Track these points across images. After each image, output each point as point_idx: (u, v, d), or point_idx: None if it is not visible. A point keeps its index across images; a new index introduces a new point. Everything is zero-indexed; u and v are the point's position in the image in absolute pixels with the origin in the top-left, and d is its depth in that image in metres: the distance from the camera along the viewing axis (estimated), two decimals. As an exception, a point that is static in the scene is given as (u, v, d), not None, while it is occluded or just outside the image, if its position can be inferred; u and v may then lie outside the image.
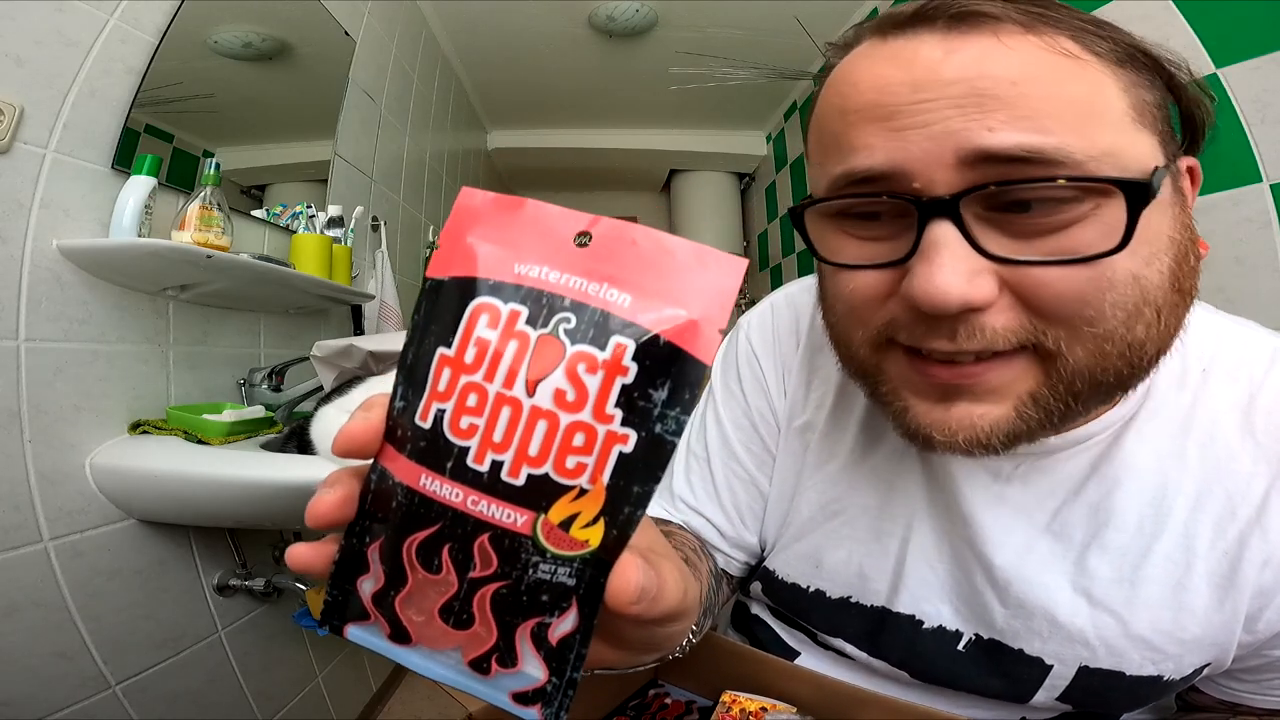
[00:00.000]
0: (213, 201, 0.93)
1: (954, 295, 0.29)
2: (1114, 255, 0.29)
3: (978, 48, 0.30)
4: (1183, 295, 0.32)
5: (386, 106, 1.83)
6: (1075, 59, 0.30)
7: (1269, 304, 0.98)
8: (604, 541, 0.18)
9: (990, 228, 0.30)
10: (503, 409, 0.18)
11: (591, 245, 0.19)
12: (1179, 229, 0.32)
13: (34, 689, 0.79)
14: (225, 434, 0.93)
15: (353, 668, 1.53)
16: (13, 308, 0.78)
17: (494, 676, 0.19)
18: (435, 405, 0.18)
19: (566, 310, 0.18)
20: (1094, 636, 0.41)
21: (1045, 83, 0.29)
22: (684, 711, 0.53)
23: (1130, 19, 0.33)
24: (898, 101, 0.31)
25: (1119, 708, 0.44)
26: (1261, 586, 0.38)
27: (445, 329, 0.19)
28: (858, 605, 0.49)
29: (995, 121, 0.29)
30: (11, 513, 0.78)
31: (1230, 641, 0.40)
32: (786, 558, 0.52)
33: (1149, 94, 0.31)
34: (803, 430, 0.52)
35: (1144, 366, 0.33)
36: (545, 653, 0.19)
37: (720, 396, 0.56)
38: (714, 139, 3.30)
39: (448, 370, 0.18)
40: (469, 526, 0.18)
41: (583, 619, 0.19)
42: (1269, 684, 0.43)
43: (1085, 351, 0.31)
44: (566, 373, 0.18)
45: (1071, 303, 0.30)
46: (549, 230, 0.19)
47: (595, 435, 0.18)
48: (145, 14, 0.96)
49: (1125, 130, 0.30)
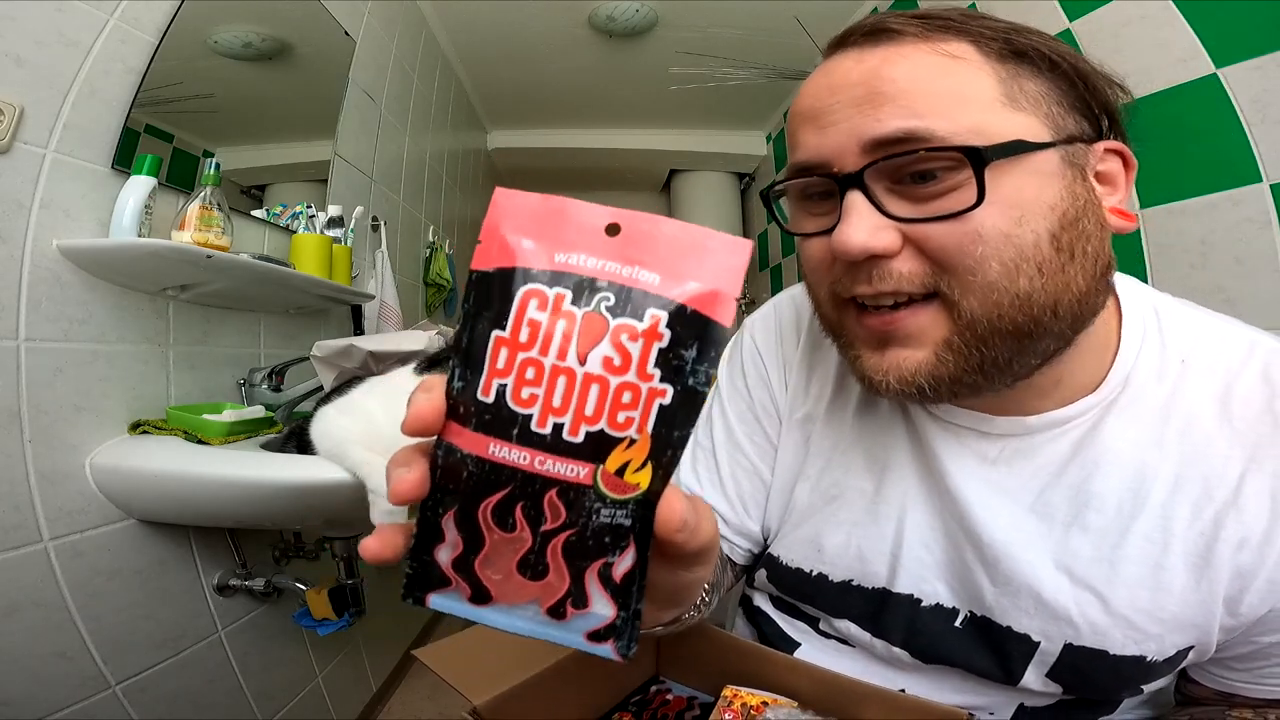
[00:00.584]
0: (213, 201, 0.93)
1: (856, 243, 0.37)
2: (974, 212, 0.36)
3: (878, 57, 0.38)
4: (1071, 257, 0.37)
5: (386, 106, 1.83)
6: (956, 59, 0.37)
7: (1269, 304, 0.98)
8: (651, 483, 0.21)
9: (896, 196, 0.38)
10: (559, 378, 0.21)
11: (621, 235, 0.22)
12: (1068, 198, 0.37)
13: (34, 689, 0.79)
14: (225, 434, 0.93)
15: (353, 668, 1.53)
16: (13, 308, 0.78)
17: (569, 619, 0.22)
18: (496, 381, 0.21)
19: (605, 290, 0.21)
20: (1077, 614, 0.43)
21: (924, 80, 0.37)
22: (685, 707, 0.53)
23: (1130, 19, 0.36)
24: (821, 105, 0.40)
25: (1108, 690, 0.45)
26: (1239, 568, 0.40)
27: (498, 314, 0.21)
28: (859, 588, 0.51)
29: (884, 114, 0.37)
30: (11, 513, 0.78)
31: (1210, 623, 0.41)
32: (789, 543, 0.55)
33: (1032, 83, 0.38)
34: (803, 421, 0.55)
35: (1043, 320, 0.38)
36: (611, 590, 0.22)
37: (726, 393, 0.60)
38: (714, 139, 3.30)
39: (505, 350, 0.21)
40: (538, 485, 0.21)
41: (639, 554, 0.22)
42: (1261, 672, 0.43)
43: (976, 299, 0.37)
44: (612, 342, 0.21)
45: (953, 253, 0.37)
46: (582, 224, 0.22)
47: (639, 392, 0.21)
48: (145, 14, 0.96)
49: (994, 112, 0.37)
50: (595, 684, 0.52)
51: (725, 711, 0.46)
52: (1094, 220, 0.39)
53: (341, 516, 1.04)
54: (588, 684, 0.51)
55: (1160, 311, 0.46)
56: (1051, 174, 0.37)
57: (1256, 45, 0.99)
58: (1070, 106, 0.39)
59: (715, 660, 0.53)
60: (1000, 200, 0.36)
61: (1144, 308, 0.46)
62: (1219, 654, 0.43)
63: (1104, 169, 0.40)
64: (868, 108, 0.37)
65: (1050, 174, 0.37)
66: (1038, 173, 0.37)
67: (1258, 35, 0.99)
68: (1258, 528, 0.39)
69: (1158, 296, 0.47)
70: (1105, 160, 0.40)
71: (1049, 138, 0.37)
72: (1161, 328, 0.45)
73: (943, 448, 0.47)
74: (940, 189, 0.37)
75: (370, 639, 1.62)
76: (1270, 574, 0.39)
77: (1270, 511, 0.39)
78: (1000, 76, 0.37)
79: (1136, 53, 1.17)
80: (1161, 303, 0.47)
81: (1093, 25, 1.26)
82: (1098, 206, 0.39)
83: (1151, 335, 0.45)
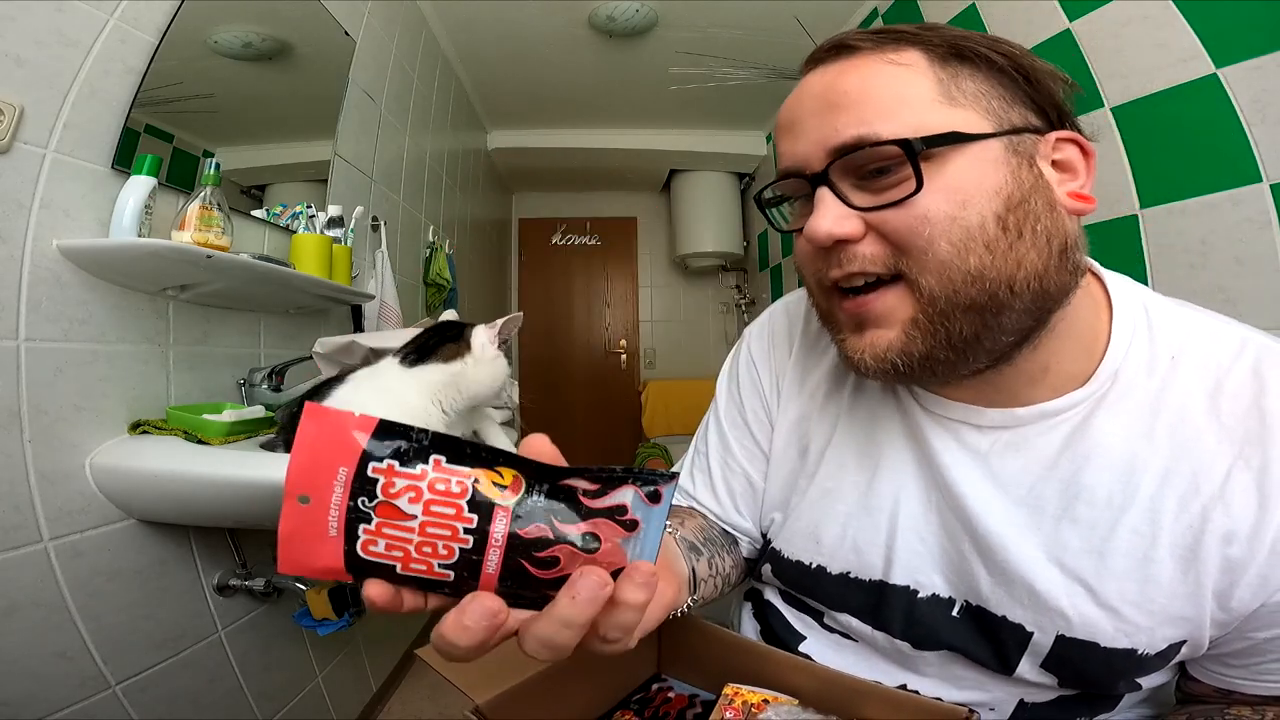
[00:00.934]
0: (213, 201, 0.93)
1: (823, 230, 0.42)
2: (918, 198, 0.40)
3: (836, 71, 0.44)
4: (1020, 235, 0.40)
5: (386, 106, 1.83)
6: (901, 66, 0.42)
7: (1269, 304, 0.98)
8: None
9: (859, 190, 0.43)
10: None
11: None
12: (1013, 182, 0.41)
13: (34, 689, 0.79)
14: (225, 434, 0.93)
15: (353, 668, 1.53)
16: (13, 308, 0.78)
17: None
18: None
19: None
20: (1068, 605, 0.44)
21: (873, 88, 0.42)
22: (687, 705, 0.53)
23: (1130, 19, 0.37)
24: (793, 117, 0.46)
25: (1101, 682, 0.46)
26: (1228, 562, 0.40)
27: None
28: (856, 580, 0.53)
29: (840, 123, 0.42)
30: (11, 513, 0.78)
31: (1201, 617, 0.42)
32: (789, 535, 0.57)
33: (971, 82, 0.42)
34: (799, 421, 0.59)
35: (999, 295, 0.40)
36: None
37: (723, 402, 0.66)
38: (714, 139, 3.30)
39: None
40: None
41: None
42: (1258, 669, 0.44)
43: (933, 276, 0.41)
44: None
45: (906, 235, 0.41)
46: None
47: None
48: (145, 14, 0.96)
49: (933, 110, 0.41)
50: (597, 682, 0.52)
51: (726, 709, 0.46)
52: (1042, 202, 0.41)
53: (341, 516, 1.04)
54: (589, 682, 0.51)
55: (1150, 308, 0.47)
56: (994, 160, 0.41)
57: (1256, 45, 0.99)
58: (1014, 101, 0.42)
59: (717, 658, 0.53)
60: (943, 187, 0.40)
61: (1134, 304, 0.47)
62: (1216, 650, 0.44)
63: (1061, 158, 0.43)
64: (828, 116, 0.43)
65: (993, 160, 0.41)
66: (980, 160, 0.41)
67: (1258, 35, 0.99)
68: (1245, 522, 0.40)
69: (1148, 294, 0.48)
70: (1061, 149, 0.43)
71: (990, 129, 0.41)
72: (1151, 324, 0.46)
73: (937, 440, 0.49)
74: (892, 180, 0.41)
75: (370, 639, 1.62)
76: (1260, 568, 0.40)
77: (1257, 505, 0.40)
78: (939, 78, 0.42)
79: (1136, 53, 1.17)
80: (1152, 300, 0.48)
81: (1093, 25, 1.26)
82: (1048, 189, 0.42)
83: (1141, 331, 0.46)
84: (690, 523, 0.59)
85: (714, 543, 0.59)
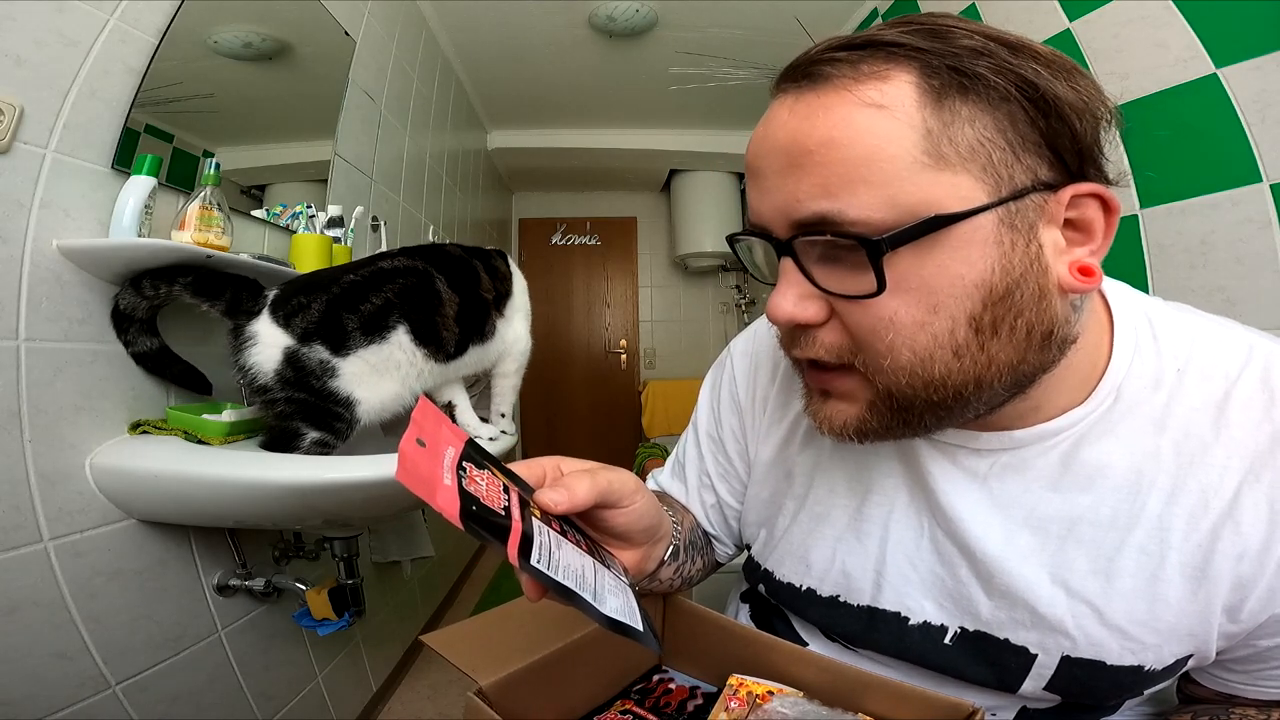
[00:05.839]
0: (213, 201, 0.93)
1: (783, 313, 0.38)
2: (881, 299, 0.35)
3: (805, 108, 0.36)
4: (994, 335, 0.36)
5: (386, 106, 1.83)
6: (880, 109, 0.34)
7: (1269, 304, 0.98)
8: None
9: (826, 266, 0.37)
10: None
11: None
12: (999, 271, 0.34)
13: (34, 689, 0.79)
14: (225, 434, 0.93)
15: (353, 668, 1.53)
16: (13, 308, 0.78)
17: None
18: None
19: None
20: (1073, 626, 0.42)
21: (842, 146, 0.34)
22: (688, 696, 0.53)
23: (1130, 19, 0.33)
24: (758, 166, 0.39)
25: (1107, 698, 0.45)
26: (1240, 579, 0.39)
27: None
28: (845, 605, 0.52)
29: (802, 193, 0.36)
30: (11, 513, 0.78)
31: (1209, 632, 0.41)
32: (779, 557, 0.57)
33: (970, 127, 0.33)
34: (783, 444, 0.58)
35: (964, 394, 0.37)
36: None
37: (703, 416, 0.66)
38: (714, 139, 3.29)
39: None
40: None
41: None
42: (1260, 675, 0.43)
43: (887, 380, 0.38)
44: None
45: (867, 334, 0.37)
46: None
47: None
48: (145, 14, 0.95)
49: (913, 177, 0.33)
50: (599, 670, 0.53)
51: (731, 699, 0.46)
52: (1031, 292, 0.35)
53: (341, 516, 1.04)
54: (592, 670, 0.52)
55: (1154, 319, 0.45)
56: (982, 242, 0.34)
57: (1256, 45, 1.00)
58: (1025, 147, 0.34)
59: (719, 649, 0.53)
60: (916, 287, 0.35)
61: (1136, 316, 0.45)
62: (1219, 657, 0.43)
63: (1076, 216, 0.36)
64: (790, 178, 0.37)
65: (980, 243, 0.34)
66: (964, 244, 0.34)
67: (1258, 35, 0.99)
68: (1255, 539, 0.39)
69: (1150, 303, 0.47)
70: (1077, 207, 0.36)
71: (983, 198, 0.34)
72: (1156, 335, 0.44)
73: (933, 465, 0.47)
74: (858, 266, 0.35)
75: (370, 639, 1.61)
76: (1270, 581, 0.39)
77: (1268, 522, 0.39)
78: (928, 129, 0.33)
79: (1136, 53, 1.17)
80: (1154, 309, 0.46)
81: (1093, 25, 1.26)
82: (1042, 274, 0.35)
83: (1145, 344, 0.44)
84: (686, 520, 0.62)
85: (695, 545, 0.61)
